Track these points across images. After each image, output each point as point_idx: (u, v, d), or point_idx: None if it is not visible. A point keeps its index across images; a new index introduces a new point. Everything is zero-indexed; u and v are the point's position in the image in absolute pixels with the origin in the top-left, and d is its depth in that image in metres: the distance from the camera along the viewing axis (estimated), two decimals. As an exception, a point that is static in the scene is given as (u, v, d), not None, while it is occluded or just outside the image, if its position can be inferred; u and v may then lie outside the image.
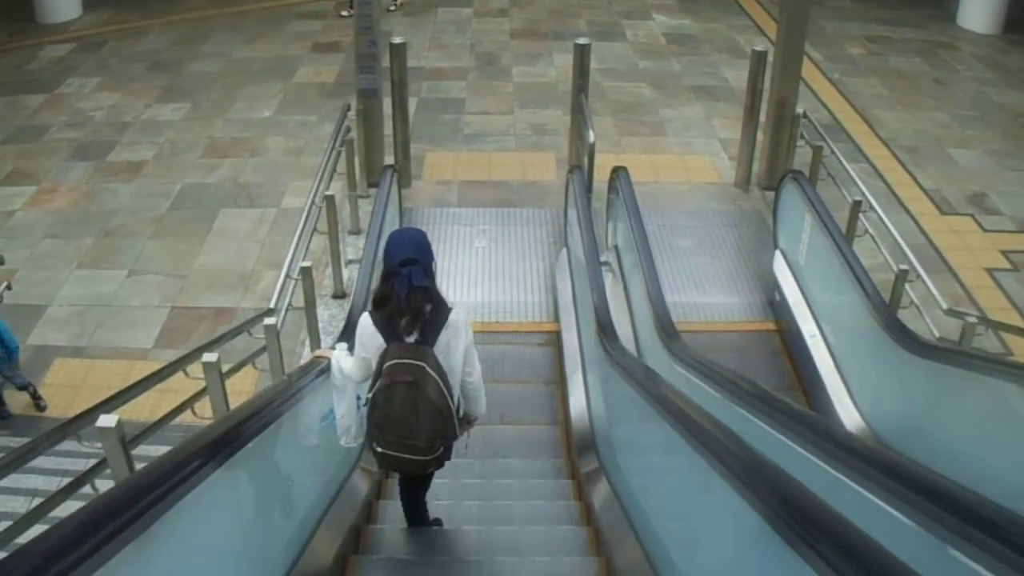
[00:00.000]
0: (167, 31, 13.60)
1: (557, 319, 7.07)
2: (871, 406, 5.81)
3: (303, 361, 4.91)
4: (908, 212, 9.07)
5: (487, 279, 7.75)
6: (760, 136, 9.13)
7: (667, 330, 5.16)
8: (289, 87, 11.64)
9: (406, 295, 3.41)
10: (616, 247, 7.36)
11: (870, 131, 10.78)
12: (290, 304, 6.10)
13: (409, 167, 9.18)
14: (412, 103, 10.73)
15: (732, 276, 7.99)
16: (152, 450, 4.58)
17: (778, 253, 7.55)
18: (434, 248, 3.61)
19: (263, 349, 5.34)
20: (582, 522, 4.62)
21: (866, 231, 7.13)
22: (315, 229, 6.89)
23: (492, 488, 5.11)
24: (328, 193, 6.86)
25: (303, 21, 13.93)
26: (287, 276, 5.99)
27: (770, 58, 8.80)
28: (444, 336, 3.52)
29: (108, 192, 9.28)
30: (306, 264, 6.02)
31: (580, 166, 7.44)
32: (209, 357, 4.25)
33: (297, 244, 6.27)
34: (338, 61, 12.24)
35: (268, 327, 5.18)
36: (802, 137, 8.66)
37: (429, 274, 3.50)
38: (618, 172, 6.95)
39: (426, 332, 3.47)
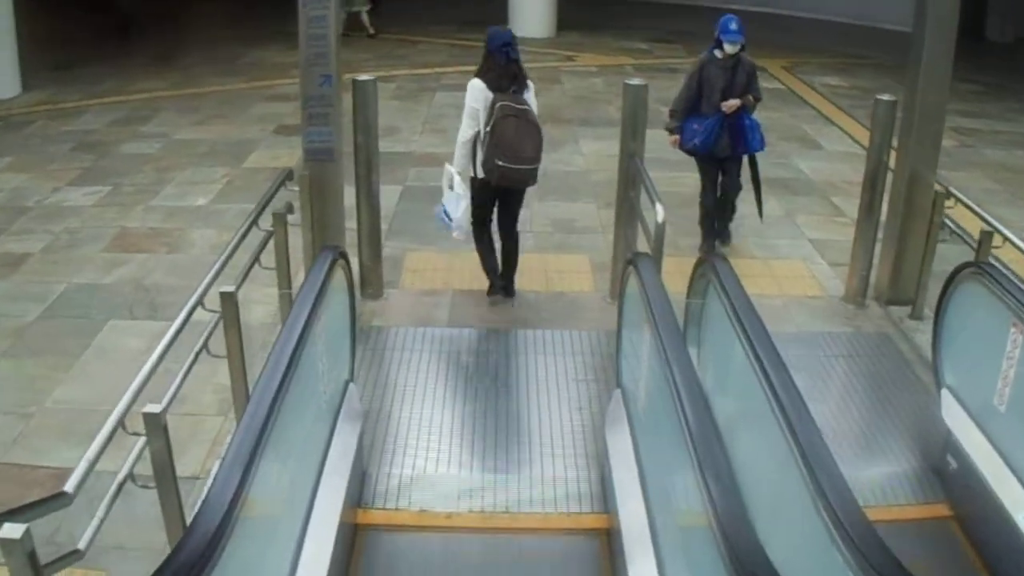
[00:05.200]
0: (109, 111, 11.38)
1: (608, 509, 4.19)
2: None
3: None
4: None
5: (491, 441, 4.77)
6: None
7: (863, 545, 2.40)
8: (237, 172, 9.10)
9: (506, 63, 5.59)
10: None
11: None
12: (131, 475, 3.35)
13: (380, 269, 6.45)
14: (395, 192, 8.33)
15: (869, 432, 5.16)
16: None
17: (946, 394, 4.76)
18: (412, 387, 5.35)
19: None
20: None
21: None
22: (205, 348, 4.13)
23: None
24: (225, 289, 4.09)
25: (270, 103, 11.63)
26: (119, 425, 3.23)
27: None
28: (527, 93, 5.68)
29: (-30, 292, 6.66)
30: (153, 409, 3.21)
31: (644, 253, 4.68)
32: None
33: (149, 374, 3.50)
34: (305, 144, 9.77)
35: (7, 542, 2.31)
36: (944, 227, 6.05)
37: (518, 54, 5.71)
38: (713, 264, 4.16)
39: (519, 88, 5.62)
